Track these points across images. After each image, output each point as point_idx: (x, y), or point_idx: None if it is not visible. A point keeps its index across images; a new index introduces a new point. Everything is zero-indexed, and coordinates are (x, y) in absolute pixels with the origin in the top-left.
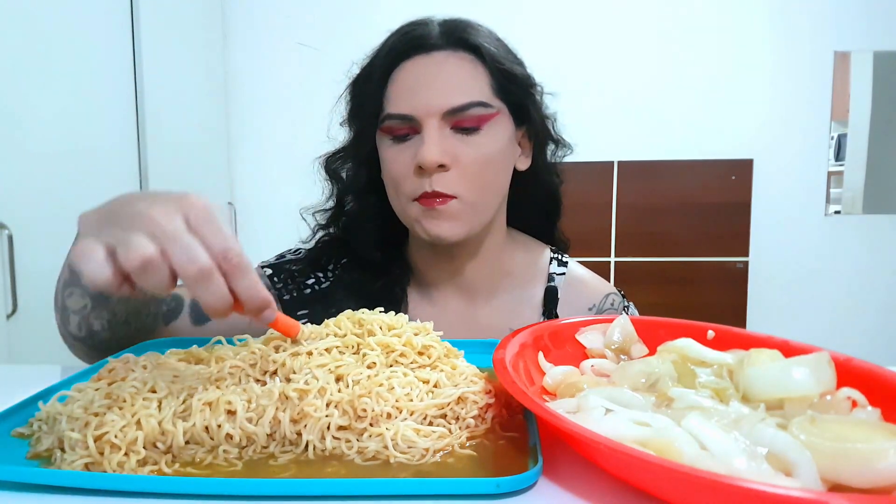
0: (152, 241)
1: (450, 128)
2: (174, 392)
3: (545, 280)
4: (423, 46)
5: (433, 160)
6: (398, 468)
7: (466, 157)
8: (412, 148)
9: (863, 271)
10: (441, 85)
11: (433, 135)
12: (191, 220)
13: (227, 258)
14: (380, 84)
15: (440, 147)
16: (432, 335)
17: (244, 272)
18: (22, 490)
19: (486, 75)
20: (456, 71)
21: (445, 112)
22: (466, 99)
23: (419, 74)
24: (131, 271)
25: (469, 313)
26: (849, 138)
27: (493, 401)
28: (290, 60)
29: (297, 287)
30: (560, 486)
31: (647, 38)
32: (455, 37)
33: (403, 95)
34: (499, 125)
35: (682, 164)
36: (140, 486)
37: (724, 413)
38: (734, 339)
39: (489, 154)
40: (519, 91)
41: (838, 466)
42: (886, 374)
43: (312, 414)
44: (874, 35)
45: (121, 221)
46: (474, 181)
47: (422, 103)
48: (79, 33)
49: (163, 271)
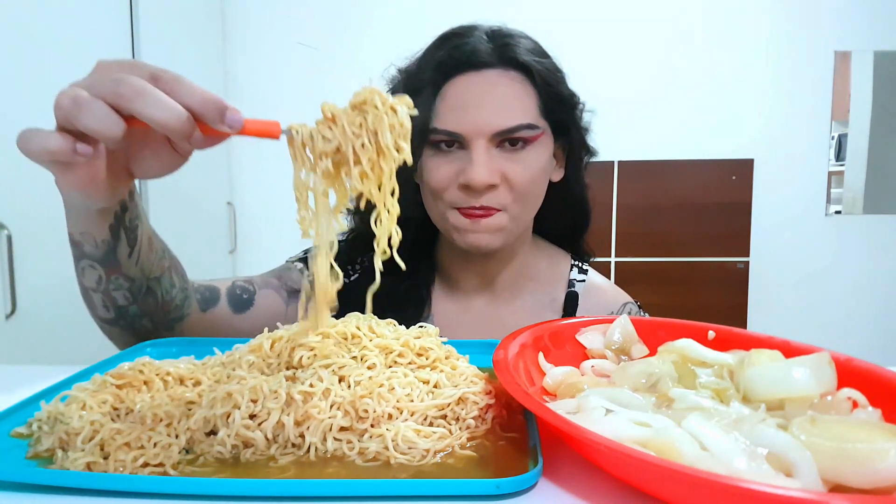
0: (78, 88)
1: (496, 146)
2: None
3: (566, 286)
4: (474, 64)
5: (483, 181)
6: (398, 469)
7: (514, 175)
8: (457, 162)
9: (863, 271)
10: (491, 105)
11: (482, 156)
12: (112, 71)
13: (156, 77)
14: (429, 99)
15: (489, 168)
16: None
17: (181, 82)
18: (22, 490)
19: (535, 96)
20: (506, 91)
21: (494, 134)
22: (516, 122)
23: (469, 92)
24: (66, 116)
25: (491, 313)
26: (849, 138)
27: (493, 401)
28: (290, 60)
29: None
30: (560, 487)
31: (648, 38)
32: (507, 56)
33: (453, 113)
34: (543, 144)
35: (683, 164)
36: (140, 487)
37: (724, 413)
38: (735, 339)
39: (535, 172)
40: (564, 112)
41: (839, 467)
42: (887, 374)
43: (316, 416)
44: (875, 35)
45: None
46: (521, 197)
47: (471, 123)
48: (78, 32)
49: (97, 104)
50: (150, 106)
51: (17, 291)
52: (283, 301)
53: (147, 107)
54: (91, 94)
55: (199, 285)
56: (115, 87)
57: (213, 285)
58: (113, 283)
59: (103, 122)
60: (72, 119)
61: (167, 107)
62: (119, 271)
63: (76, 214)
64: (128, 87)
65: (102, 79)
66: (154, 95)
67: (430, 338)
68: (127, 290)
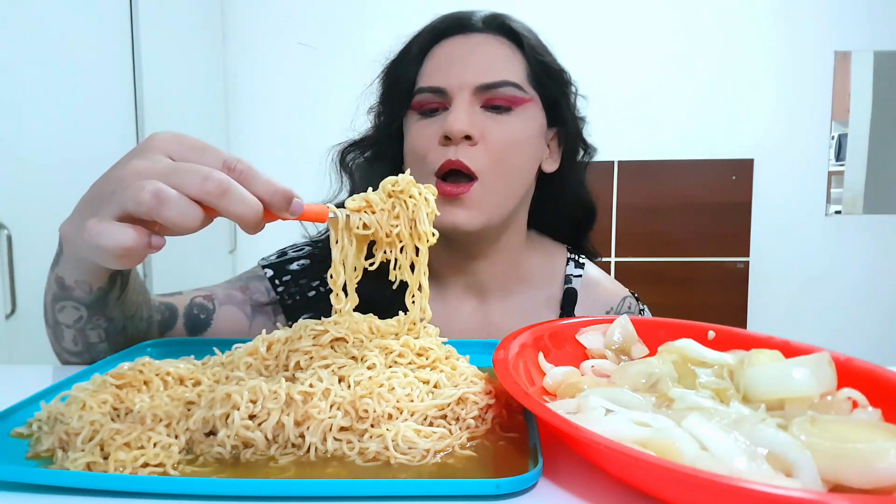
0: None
1: (480, 105)
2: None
3: (562, 282)
4: (464, 27)
5: (460, 128)
6: (398, 469)
7: (494, 134)
8: (440, 121)
9: (863, 271)
10: (476, 61)
11: (462, 106)
12: (173, 154)
13: (231, 168)
14: (416, 60)
15: (469, 118)
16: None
17: (254, 174)
18: (21, 490)
19: (523, 62)
20: (493, 50)
21: (477, 87)
22: (500, 77)
23: (456, 51)
24: (149, 211)
25: (482, 314)
26: (849, 138)
27: (493, 401)
28: (290, 60)
29: (301, 291)
30: (560, 487)
31: (648, 38)
32: (496, 23)
33: (438, 70)
34: (530, 111)
35: (683, 163)
36: (140, 487)
37: (724, 413)
38: (735, 339)
39: (517, 137)
40: (554, 85)
41: (839, 467)
42: (887, 374)
43: (316, 416)
44: (875, 35)
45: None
46: (499, 162)
47: (454, 77)
48: (78, 32)
49: (182, 201)
50: (234, 203)
51: (17, 291)
52: (247, 317)
53: (231, 204)
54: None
55: (160, 303)
56: (202, 184)
57: (172, 303)
58: (92, 324)
59: (186, 218)
60: (153, 214)
61: (249, 203)
62: (102, 313)
63: (79, 267)
64: (215, 185)
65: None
66: (238, 193)
67: (430, 338)
68: (103, 329)
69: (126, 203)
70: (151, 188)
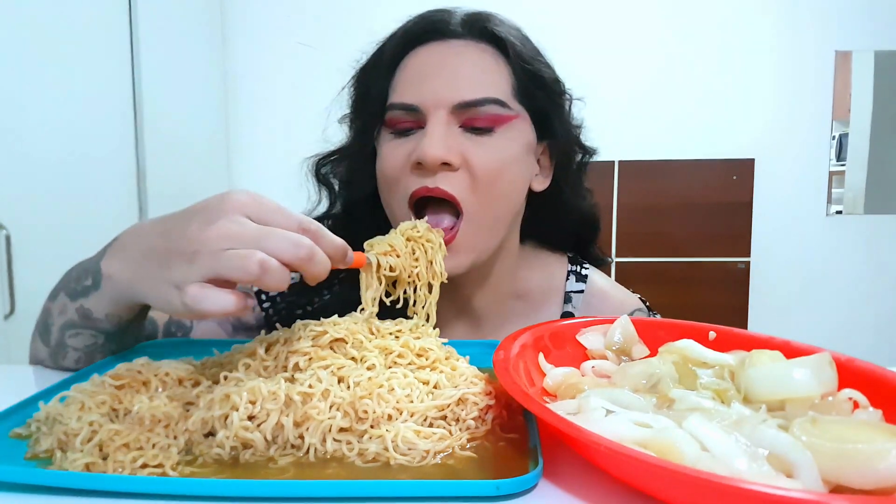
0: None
1: (459, 125)
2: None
3: (562, 300)
4: (441, 32)
5: (435, 155)
6: (398, 470)
7: (477, 158)
8: (414, 142)
9: (864, 271)
10: (453, 75)
11: (438, 127)
12: (252, 215)
13: (306, 229)
14: (388, 71)
15: (445, 142)
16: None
17: (324, 233)
18: (20, 491)
19: (509, 74)
20: (473, 62)
21: (455, 105)
22: (481, 94)
23: (431, 62)
24: (254, 280)
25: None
26: (850, 138)
27: (493, 402)
28: (290, 60)
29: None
30: (560, 488)
31: (649, 38)
32: (478, 27)
33: (411, 83)
34: (515, 130)
35: (683, 163)
36: (139, 487)
37: (725, 414)
38: (735, 339)
39: (504, 159)
40: (544, 97)
41: (840, 467)
42: (888, 374)
43: (315, 417)
44: (875, 34)
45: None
46: (485, 191)
47: (429, 93)
48: (77, 32)
49: (281, 269)
50: (316, 265)
51: (16, 292)
52: (227, 334)
53: (314, 266)
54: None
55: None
56: (295, 251)
57: (154, 318)
58: (104, 348)
59: (282, 283)
60: (257, 282)
61: (325, 263)
62: (120, 340)
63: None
64: (305, 252)
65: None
66: (320, 256)
67: (429, 338)
68: (109, 352)
69: (230, 271)
70: (257, 259)
